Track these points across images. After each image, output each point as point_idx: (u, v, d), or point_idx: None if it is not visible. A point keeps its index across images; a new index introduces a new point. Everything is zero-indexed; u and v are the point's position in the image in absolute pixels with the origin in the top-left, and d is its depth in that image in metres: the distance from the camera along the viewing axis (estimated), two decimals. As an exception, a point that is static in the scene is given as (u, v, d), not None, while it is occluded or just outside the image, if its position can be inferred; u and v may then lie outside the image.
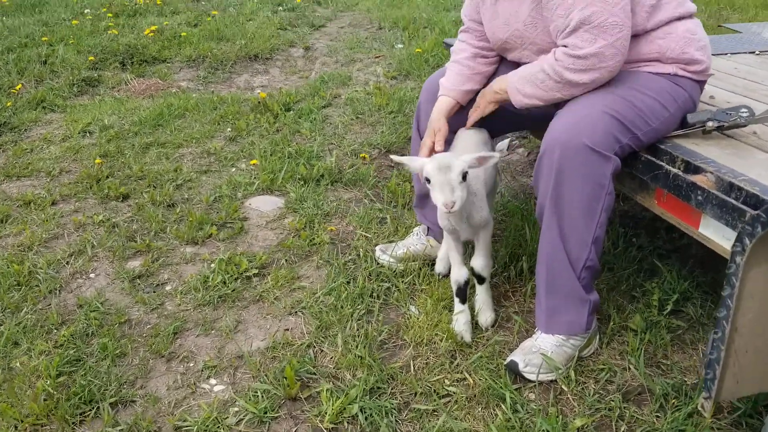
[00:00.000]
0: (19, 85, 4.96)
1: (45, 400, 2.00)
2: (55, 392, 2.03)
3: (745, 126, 2.11)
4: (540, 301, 2.13)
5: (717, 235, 1.82)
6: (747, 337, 1.38)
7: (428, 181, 1.99)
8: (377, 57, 5.92)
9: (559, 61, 2.00)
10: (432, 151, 2.30)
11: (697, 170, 1.89)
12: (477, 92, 2.41)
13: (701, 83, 2.22)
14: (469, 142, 2.33)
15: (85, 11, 7.29)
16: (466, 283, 2.28)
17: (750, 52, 3.27)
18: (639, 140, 2.02)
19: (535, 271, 2.15)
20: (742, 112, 2.07)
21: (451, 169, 1.95)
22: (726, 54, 3.22)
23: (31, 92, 4.89)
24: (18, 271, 2.67)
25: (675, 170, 1.92)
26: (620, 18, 1.94)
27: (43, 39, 6.04)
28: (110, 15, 7.07)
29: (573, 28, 1.96)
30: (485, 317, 2.33)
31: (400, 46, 6.19)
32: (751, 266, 1.33)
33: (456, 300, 2.29)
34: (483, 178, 2.21)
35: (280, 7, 7.93)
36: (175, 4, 7.91)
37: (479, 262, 2.29)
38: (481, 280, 2.32)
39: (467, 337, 2.25)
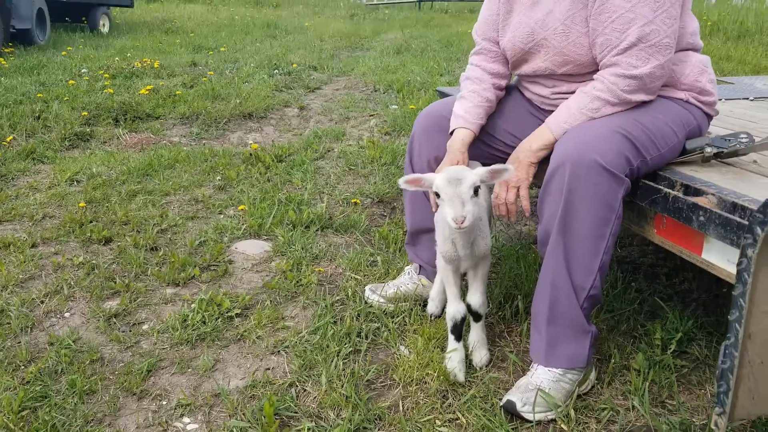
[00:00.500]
0: (10, 137, 4.92)
1: (3, 437, 1.86)
2: (15, 427, 1.88)
3: (744, 154, 2.05)
4: (540, 332, 2.01)
5: (721, 259, 1.72)
6: (760, 346, 1.26)
7: (438, 195, 1.89)
8: (371, 115, 5.94)
9: (615, 85, 1.94)
10: None
11: (697, 192, 1.81)
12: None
13: (709, 118, 2.18)
14: None
15: (82, 71, 7.37)
16: (463, 319, 2.16)
17: (744, 98, 3.26)
18: (647, 165, 1.94)
19: (533, 301, 2.04)
20: (742, 138, 2.01)
21: (461, 182, 1.84)
22: (721, 99, 3.20)
23: (21, 144, 4.84)
24: (-12, 309, 2.55)
25: (675, 192, 1.84)
26: (672, 40, 1.92)
27: (38, 95, 6.05)
28: (107, 76, 7.13)
29: (628, 44, 1.90)
30: (480, 356, 2.21)
31: (395, 107, 6.22)
32: (765, 262, 1.22)
33: (451, 337, 2.17)
34: (484, 205, 2.12)
35: (277, 71, 8.03)
36: (172, 67, 8.01)
37: (476, 299, 2.18)
38: (477, 317, 2.20)
39: (460, 376, 2.11)
